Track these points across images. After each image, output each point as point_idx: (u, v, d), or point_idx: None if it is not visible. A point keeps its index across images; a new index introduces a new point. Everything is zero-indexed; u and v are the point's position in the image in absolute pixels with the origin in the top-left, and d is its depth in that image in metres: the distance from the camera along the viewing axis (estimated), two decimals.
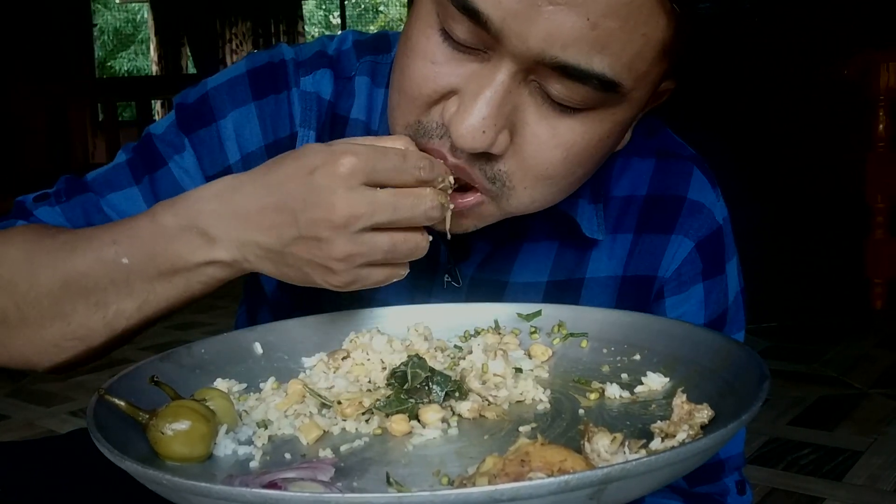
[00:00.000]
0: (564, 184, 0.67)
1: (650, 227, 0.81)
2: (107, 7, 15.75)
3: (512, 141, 0.63)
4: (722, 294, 0.83)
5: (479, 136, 0.61)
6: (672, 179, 0.82)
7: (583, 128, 0.63)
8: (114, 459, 0.48)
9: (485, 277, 0.81)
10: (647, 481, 0.45)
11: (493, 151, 0.63)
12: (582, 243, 0.81)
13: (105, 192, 0.80)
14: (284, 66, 0.81)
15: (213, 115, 0.80)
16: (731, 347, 0.62)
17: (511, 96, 0.61)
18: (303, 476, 0.50)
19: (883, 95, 3.25)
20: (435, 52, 0.63)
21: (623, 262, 0.81)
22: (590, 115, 0.63)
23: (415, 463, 0.54)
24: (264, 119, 0.80)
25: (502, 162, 0.64)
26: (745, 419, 0.48)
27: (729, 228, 0.84)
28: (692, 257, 0.81)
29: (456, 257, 0.80)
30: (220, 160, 0.80)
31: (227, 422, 0.58)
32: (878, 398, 2.48)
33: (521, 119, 0.63)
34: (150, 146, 0.81)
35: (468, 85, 0.62)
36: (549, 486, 0.41)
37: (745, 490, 0.86)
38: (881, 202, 3.31)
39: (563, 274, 0.81)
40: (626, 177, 0.82)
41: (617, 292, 0.81)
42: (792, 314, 3.44)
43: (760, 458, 2.11)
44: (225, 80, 0.82)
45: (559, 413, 0.61)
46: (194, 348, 0.69)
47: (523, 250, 0.81)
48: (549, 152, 0.64)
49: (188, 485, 0.44)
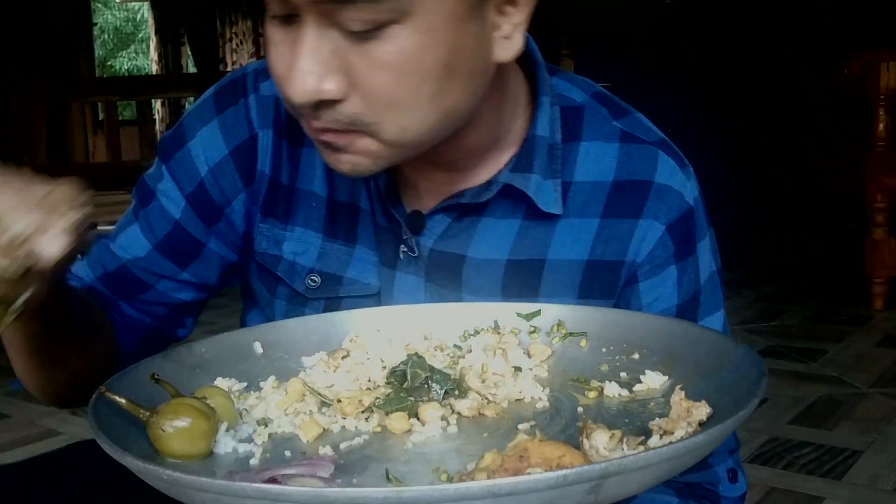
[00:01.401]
0: (419, 103, 0.68)
1: (617, 212, 0.81)
2: (107, 6, 15.76)
3: (350, 84, 0.66)
4: (694, 274, 0.83)
5: (304, 88, 0.65)
6: (638, 164, 0.82)
7: (395, 45, 0.65)
8: (115, 456, 0.49)
9: (443, 250, 0.82)
10: (644, 476, 0.45)
11: (328, 97, 0.66)
12: (544, 223, 0.81)
13: (115, 236, 0.89)
14: (244, 79, 0.87)
15: (185, 138, 0.87)
16: (728, 345, 0.62)
17: (322, 44, 0.65)
18: (303, 473, 0.51)
19: (883, 95, 3.25)
20: (273, 35, 0.68)
21: (589, 246, 0.81)
22: (395, 31, 0.64)
23: (414, 460, 0.54)
24: (226, 129, 0.86)
25: (349, 104, 0.67)
26: (742, 416, 0.49)
27: (701, 208, 0.84)
28: (664, 240, 0.81)
29: (413, 229, 0.82)
30: (194, 176, 0.86)
31: (227, 420, 0.58)
32: (878, 397, 2.49)
33: (345, 61, 0.65)
34: (143, 186, 0.89)
35: (291, 50, 0.66)
36: (548, 481, 0.41)
37: (738, 478, 0.85)
38: (881, 202, 3.31)
39: (524, 253, 0.82)
40: (591, 161, 0.82)
41: (581, 276, 0.81)
42: (792, 313, 3.44)
43: (760, 458, 2.11)
44: (195, 106, 0.89)
45: (558, 411, 0.61)
46: (195, 347, 0.69)
47: (483, 225, 0.82)
48: (378, 79, 0.66)
49: (188, 480, 0.44)
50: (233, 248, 0.88)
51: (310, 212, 0.85)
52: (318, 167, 0.85)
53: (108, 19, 16.14)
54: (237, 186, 0.86)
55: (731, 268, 4.37)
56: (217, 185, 0.85)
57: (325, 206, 0.85)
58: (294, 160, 0.85)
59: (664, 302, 0.82)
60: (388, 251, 0.83)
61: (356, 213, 0.84)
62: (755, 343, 3.01)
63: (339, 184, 0.84)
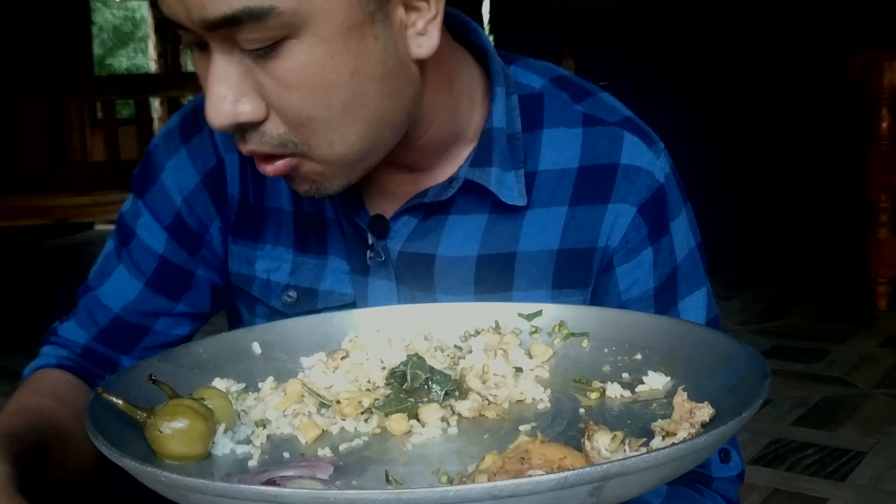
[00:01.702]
0: (337, 116, 0.67)
1: (585, 199, 0.80)
2: (105, 5, 15.77)
3: (268, 105, 0.66)
4: (669, 253, 0.81)
5: (217, 112, 0.64)
6: (602, 148, 0.80)
7: (293, 62, 0.64)
8: (111, 457, 0.48)
9: (412, 252, 0.81)
10: (646, 478, 0.44)
11: (247, 119, 0.65)
12: (512, 216, 0.80)
13: (100, 284, 0.87)
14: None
15: (156, 171, 0.87)
16: (731, 346, 0.61)
17: (230, 67, 0.64)
18: (301, 474, 0.50)
19: (886, 94, 3.24)
20: (195, 63, 0.68)
21: (558, 235, 0.80)
22: (290, 47, 0.63)
23: (414, 462, 0.54)
24: (194, 158, 0.86)
25: (271, 125, 0.66)
26: (745, 417, 0.48)
27: (673, 184, 0.81)
28: (636, 223, 0.79)
29: (379, 234, 0.81)
30: (170, 208, 0.86)
31: (225, 421, 0.57)
32: (882, 398, 2.48)
33: (256, 81, 0.65)
34: (122, 225, 0.88)
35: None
36: (549, 483, 0.40)
37: (731, 457, 0.83)
38: (884, 201, 3.30)
39: (494, 248, 0.81)
40: (554, 149, 0.81)
41: (554, 266, 0.80)
42: (795, 314, 3.43)
43: (763, 459, 2.10)
44: (161, 136, 0.89)
45: (559, 412, 0.61)
46: (193, 348, 0.69)
47: (450, 223, 0.81)
48: (289, 98, 0.65)
49: (186, 481, 0.44)
50: (218, 272, 0.88)
51: (279, 228, 0.85)
52: (282, 182, 0.84)
53: (106, 18, 16.16)
54: (211, 213, 0.86)
55: (735, 268, 4.37)
56: (193, 214, 0.86)
57: (293, 220, 0.85)
58: (259, 179, 0.85)
59: (641, 285, 0.80)
60: (357, 259, 0.83)
61: (324, 224, 0.84)
62: (758, 344, 3.00)
63: (304, 198, 0.84)
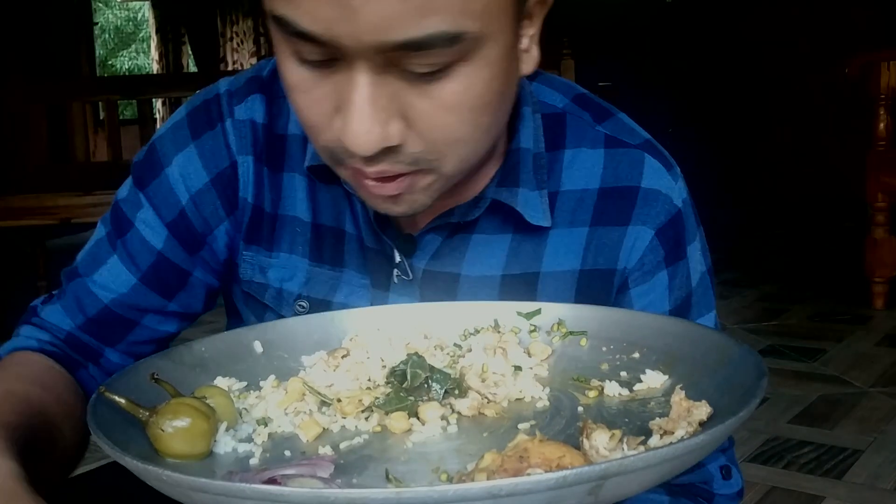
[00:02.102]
0: (478, 134, 0.67)
1: (606, 220, 0.80)
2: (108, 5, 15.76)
3: (408, 125, 0.64)
4: (685, 278, 0.82)
5: (370, 137, 0.61)
6: (623, 170, 0.81)
7: (460, 85, 0.62)
8: (114, 456, 0.48)
9: (437, 271, 0.81)
10: (644, 477, 0.45)
11: (391, 143, 0.63)
12: (535, 236, 0.81)
13: (91, 272, 0.84)
14: (218, 101, 0.84)
15: (160, 164, 0.84)
16: (729, 345, 0.62)
17: (381, 89, 0.61)
18: (302, 473, 0.51)
19: (883, 94, 3.25)
20: (301, 81, 0.64)
21: (580, 256, 0.81)
22: (460, 70, 0.62)
23: (414, 460, 0.54)
24: (205, 156, 0.83)
25: (410, 146, 0.64)
26: (742, 416, 0.49)
27: (690, 209, 0.83)
28: (653, 245, 0.80)
29: (405, 252, 0.81)
30: (174, 206, 0.83)
31: (226, 419, 0.58)
32: (879, 397, 2.48)
33: (405, 102, 0.62)
34: (118, 212, 0.85)
35: (340, 97, 0.63)
36: (547, 482, 0.41)
37: (732, 474, 0.84)
38: (881, 201, 3.31)
39: (517, 268, 0.81)
40: (576, 168, 0.81)
41: (576, 286, 0.81)
42: (792, 312, 3.44)
43: (760, 457, 2.11)
44: (168, 128, 0.85)
45: (558, 411, 0.61)
46: (195, 346, 0.69)
47: (474, 242, 0.81)
48: (443, 120, 0.63)
49: (188, 480, 0.44)
50: (216, 275, 0.86)
51: (294, 237, 0.83)
52: (299, 191, 0.83)
53: (108, 19, 16.15)
54: (219, 215, 0.84)
55: (732, 267, 4.38)
56: (199, 214, 0.83)
57: (310, 230, 0.83)
58: (275, 186, 0.84)
59: (656, 307, 0.81)
60: (380, 274, 0.82)
61: (342, 238, 0.83)
62: (755, 342, 3.01)
63: (322, 209, 0.83)
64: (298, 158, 0.83)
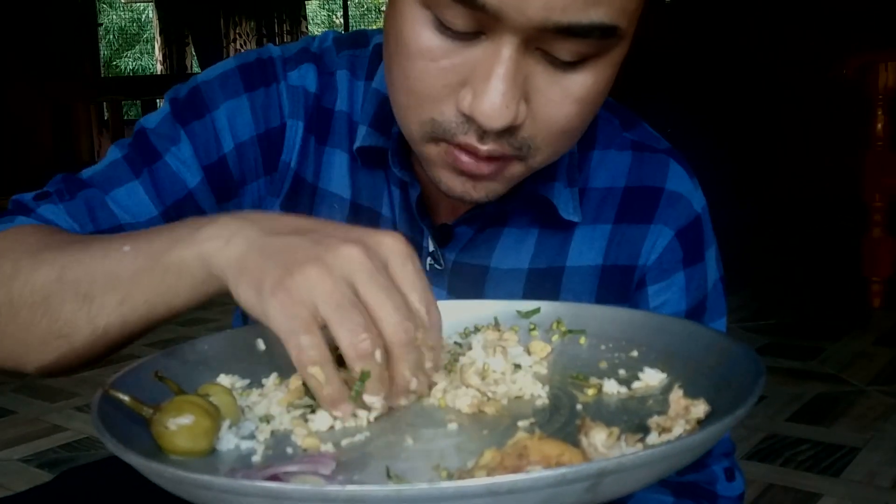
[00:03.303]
0: (581, 129, 0.70)
1: (629, 218, 0.82)
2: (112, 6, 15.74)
3: (529, 109, 0.65)
4: (702, 281, 0.84)
5: (505, 112, 0.63)
6: (649, 171, 0.83)
7: (591, 78, 0.65)
8: (117, 453, 0.49)
9: (466, 262, 0.82)
10: (643, 474, 0.45)
11: (517, 123, 0.65)
12: (561, 231, 0.82)
13: (108, 189, 0.80)
14: (273, 62, 0.84)
15: (206, 106, 0.82)
16: (727, 344, 0.62)
17: (520, 68, 0.63)
18: (304, 470, 0.51)
19: (881, 95, 3.26)
20: (434, 48, 0.64)
21: (603, 251, 0.82)
22: (594, 64, 0.64)
23: (415, 457, 0.54)
24: (255, 110, 0.82)
25: (524, 129, 0.66)
26: (740, 414, 0.49)
27: (707, 218, 0.85)
28: (672, 246, 0.82)
29: (439, 241, 0.82)
30: (215, 151, 0.81)
31: (229, 417, 0.58)
32: (876, 395, 2.49)
33: (533, 86, 0.64)
34: (145, 141, 0.81)
35: (477, 69, 0.63)
36: (547, 479, 0.41)
37: (735, 476, 0.86)
38: (879, 201, 3.31)
39: (543, 262, 0.82)
40: (603, 168, 0.84)
41: (598, 281, 0.82)
42: (790, 311, 3.44)
43: (758, 455, 2.12)
44: (216, 75, 0.84)
45: (557, 408, 0.62)
46: (198, 344, 0.69)
47: (504, 235, 0.83)
48: (565, 109, 0.66)
49: (191, 477, 0.45)
50: None
51: (332, 213, 0.83)
52: (337, 167, 0.83)
53: (112, 20, 16.12)
54: (258, 171, 0.83)
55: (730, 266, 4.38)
56: (239, 165, 0.82)
57: (349, 208, 0.83)
58: (319, 159, 0.84)
59: (672, 306, 0.83)
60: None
61: (377, 220, 0.83)
62: (753, 341, 3.02)
63: (361, 188, 0.83)
64: (343, 136, 0.84)
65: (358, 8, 16.22)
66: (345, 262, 0.54)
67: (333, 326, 0.53)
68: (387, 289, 0.54)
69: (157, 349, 0.67)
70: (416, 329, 0.54)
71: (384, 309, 0.53)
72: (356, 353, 0.53)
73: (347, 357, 0.54)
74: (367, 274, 0.53)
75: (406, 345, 0.54)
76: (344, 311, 0.53)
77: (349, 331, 0.53)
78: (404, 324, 0.54)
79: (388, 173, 0.83)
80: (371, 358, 0.53)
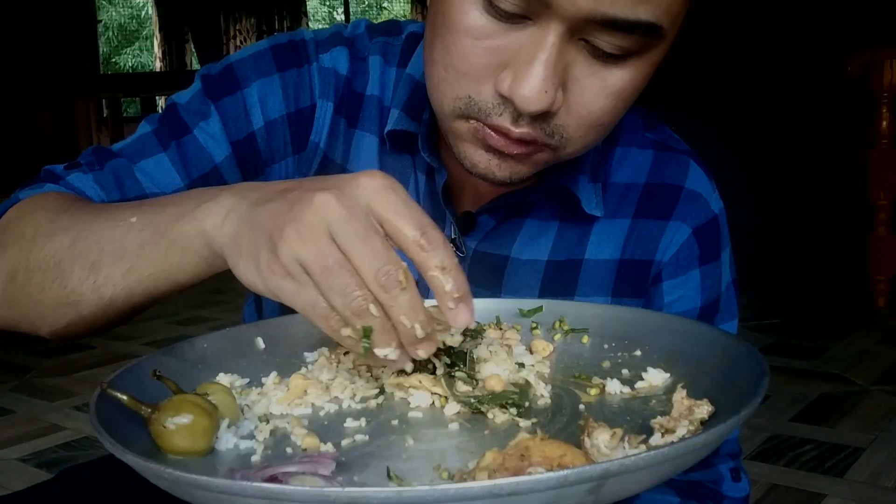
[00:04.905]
0: (613, 125, 0.71)
1: (648, 213, 0.83)
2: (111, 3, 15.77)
3: (564, 96, 0.66)
4: (717, 280, 0.85)
5: (543, 97, 0.64)
6: (670, 170, 0.85)
7: (629, 74, 0.66)
8: (115, 453, 0.49)
9: (487, 251, 0.83)
10: (645, 476, 0.45)
11: (554, 109, 0.66)
12: (581, 224, 0.83)
13: (136, 160, 0.81)
14: (305, 44, 0.85)
15: (238, 84, 0.83)
16: (730, 343, 0.62)
17: (563, 56, 0.64)
18: (304, 470, 0.51)
19: (886, 92, 3.25)
20: (479, 27, 0.65)
21: (621, 246, 0.83)
22: (634, 61, 0.66)
23: (415, 458, 0.54)
24: (287, 89, 0.83)
25: (558, 117, 0.67)
26: (744, 415, 0.49)
27: (724, 220, 0.86)
28: (689, 243, 0.83)
29: (462, 229, 0.82)
30: (245, 127, 0.82)
31: (228, 416, 0.58)
32: (880, 395, 2.48)
33: (572, 75, 0.66)
34: (175, 115, 0.83)
35: (520, 53, 0.65)
36: (549, 481, 0.41)
37: (741, 477, 0.86)
38: (883, 199, 3.30)
39: (562, 254, 0.83)
40: (625, 165, 0.85)
41: (615, 275, 0.83)
42: (794, 311, 3.44)
43: (762, 455, 2.11)
44: (249, 55, 0.85)
45: (560, 408, 0.61)
46: (196, 343, 0.69)
47: (526, 226, 0.83)
48: (601, 102, 0.67)
49: (189, 478, 0.44)
50: None
51: None
52: (366, 150, 0.84)
53: (112, 16, 16.15)
54: (286, 151, 0.84)
55: None
56: (267, 142, 0.83)
57: None
58: (348, 140, 0.85)
59: (687, 303, 0.83)
60: None
61: None
62: (757, 340, 3.01)
63: (388, 172, 0.83)
64: (373, 119, 0.84)
65: (359, 4, 16.22)
66: (319, 214, 0.52)
67: (324, 292, 0.52)
68: (361, 234, 0.52)
69: (156, 348, 0.66)
70: (397, 270, 0.52)
71: (360, 257, 0.52)
72: (351, 314, 0.52)
73: (345, 319, 0.53)
74: (341, 222, 0.52)
75: (389, 290, 0.52)
76: (329, 274, 0.52)
77: (339, 293, 0.52)
78: (383, 269, 0.52)
79: (416, 159, 0.84)
80: (368, 313, 0.52)
